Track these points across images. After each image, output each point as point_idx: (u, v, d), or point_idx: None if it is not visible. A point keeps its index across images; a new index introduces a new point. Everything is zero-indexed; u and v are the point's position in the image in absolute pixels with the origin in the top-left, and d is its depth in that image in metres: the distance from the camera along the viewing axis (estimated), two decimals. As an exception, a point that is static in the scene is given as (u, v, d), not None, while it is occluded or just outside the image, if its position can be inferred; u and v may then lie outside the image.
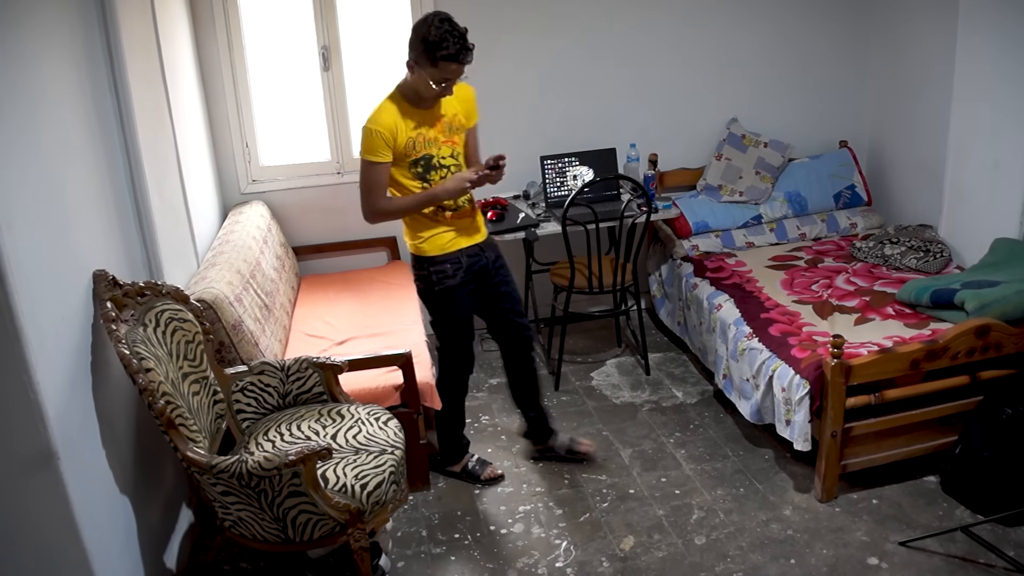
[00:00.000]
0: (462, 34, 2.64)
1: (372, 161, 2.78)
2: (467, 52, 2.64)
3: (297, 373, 2.81)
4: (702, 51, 4.43)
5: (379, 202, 2.84)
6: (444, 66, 2.64)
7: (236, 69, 4.01)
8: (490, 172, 2.82)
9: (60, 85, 2.32)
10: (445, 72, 2.65)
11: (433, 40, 2.61)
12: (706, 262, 4.02)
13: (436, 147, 2.85)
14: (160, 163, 3.01)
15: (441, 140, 2.86)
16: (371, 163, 2.78)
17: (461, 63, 2.65)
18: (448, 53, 2.61)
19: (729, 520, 2.94)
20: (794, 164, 4.44)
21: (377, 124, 2.77)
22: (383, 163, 2.79)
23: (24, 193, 2.02)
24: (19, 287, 1.90)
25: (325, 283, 4.11)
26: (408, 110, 2.80)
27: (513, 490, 3.19)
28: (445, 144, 2.87)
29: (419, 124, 2.81)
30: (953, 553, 2.69)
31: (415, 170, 2.84)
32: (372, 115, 2.80)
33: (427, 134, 2.83)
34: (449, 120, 2.87)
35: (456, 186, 2.82)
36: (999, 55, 3.49)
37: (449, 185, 2.83)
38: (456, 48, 2.61)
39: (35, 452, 1.98)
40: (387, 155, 2.79)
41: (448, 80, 2.69)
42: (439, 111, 2.84)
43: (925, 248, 3.79)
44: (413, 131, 2.80)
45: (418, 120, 2.81)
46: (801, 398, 2.91)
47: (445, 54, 2.61)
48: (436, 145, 2.85)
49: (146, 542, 2.49)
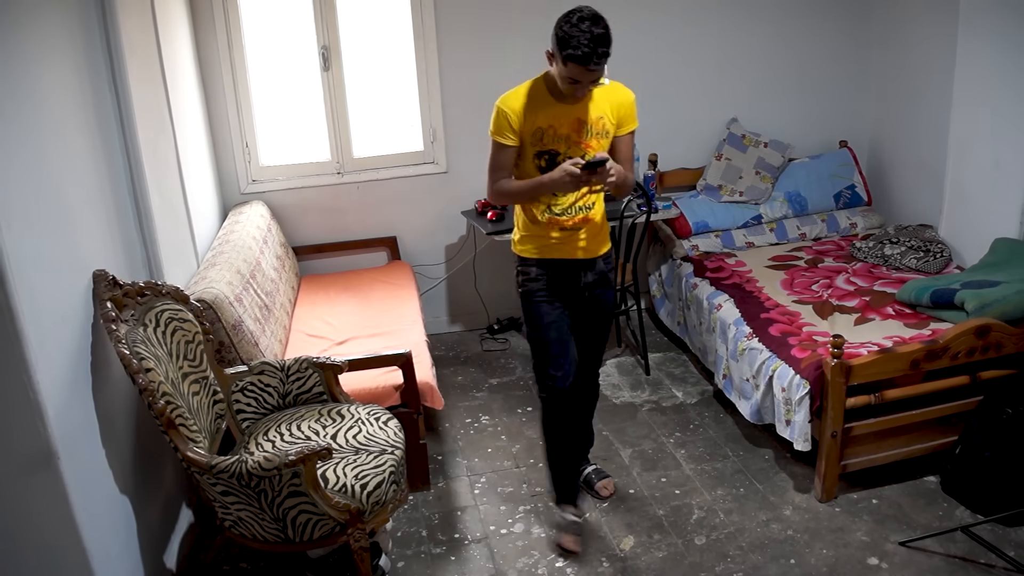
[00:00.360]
0: (597, 37, 2.37)
1: (497, 141, 2.62)
2: (597, 58, 2.38)
3: (297, 373, 2.81)
4: (702, 51, 4.43)
5: (498, 182, 2.66)
6: (570, 66, 2.41)
7: (236, 69, 4.01)
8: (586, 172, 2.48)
9: (60, 85, 2.32)
10: (571, 72, 2.43)
11: (562, 36, 2.40)
12: (706, 262, 4.02)
13: (566, 145, 2.60)
14: (160, 163, 3.01)
15: (573, 140, 2.60)
16: (495, 142, 2.62)
17: (587, 68, 2.40)
18: (573, 54, 2.38)
19: (729, 520, 2.94)
20: (794, 164, 4.44)
21: (505, 104, 2.59)
22: (507, 146, 2.60)
23: (24, 193, 2.03)
24: (19, 287, 1.90)
25: (325, 283, 4.11)
26: (546, 99, 2.59)
27: (513, 490, 3.18)
28: (577, 146, 2.60)
29: (554, 117, 2.58)
30: (953, 553, 2.69)
31: (538, 163, 2.62)
32: (506, 94, 2.62)
33: (559, 129, 2.59)
34: (591, 122, 2.60)
35: (559, 176, 2.52)
36: (1000, 56, 3.49)
37: (554, 174, 2.53)
38: (583, 52, 2.37)
39: (35, 452, 1.98)
40: (512, 138, 2.59)
41: (575, 81, 2.46)
42: (581, 109, 2.59)
43: (925, 248, 3.79)
44: (544, 122, 2.58)
45: (554, 112, 2.58)
46: (801, 398, 2.91)
47: (570, 54, 2.39)
48: (567, 144, 2.60)
49: (146, 542, 2.49)
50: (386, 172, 4.29)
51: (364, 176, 4.27)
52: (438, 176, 4.34)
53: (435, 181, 4.34)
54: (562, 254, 2.74)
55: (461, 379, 4.07)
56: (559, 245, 2.72)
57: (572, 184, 2.52)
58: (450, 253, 4.49)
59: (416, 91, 4.21)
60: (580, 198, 2.68)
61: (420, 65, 4.16)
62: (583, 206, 2.69)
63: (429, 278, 4.49)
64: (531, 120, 2.58)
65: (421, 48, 4.14)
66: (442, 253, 4.49)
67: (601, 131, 2.63)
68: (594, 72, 2.43)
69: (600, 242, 2.79)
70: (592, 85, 2.52)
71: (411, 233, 4.42)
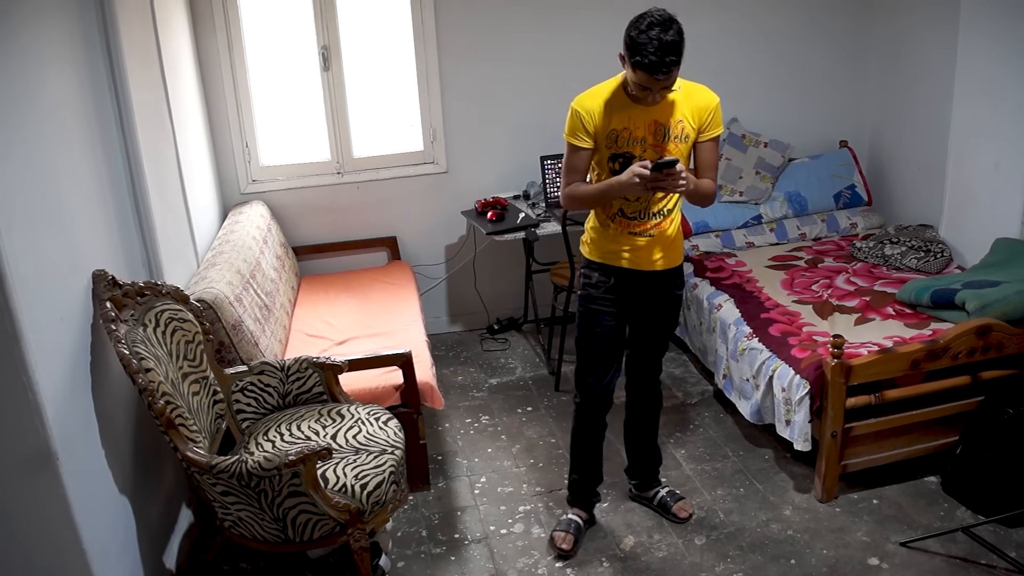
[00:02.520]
0: (666, 44, 2.29)
1: (570, 143, 2.56)
2: (665, 67, 2.30)
3: (297, 373, 2.80)
4: (702, 51, 4.40)
5: (570, 185, 2.59)
6: (639, 74, 2.35)
7: (236, 69, 4.01)
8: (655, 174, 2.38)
9: (60, 86, 2.32)
10: (640, 79, 2.36)
11: (631, 43, 2.33)
12: (706, 262, 4.02)
13: (641, 149, 2.51)
14: (160, 163, 3.01)
15: (650, 143, 2.51)
16: (569, 144, 2.56)
17: (655, 77, 2.33)
18: (641, 62, 2.31)
19: (729, 520, 2.94)
20: (794, 164, 4.44)
21: (580, 105, 2.52)
22: (582, 148, 2.54)
23: (24, 193, 2.02)
24: (18, 287, 1.90)
25: (325, 283, 4.11)
26: (622, 100, 2.50)
27: (513, 490, 3.18)
28: (653, 149, 2.51)
29: (629, 119, 2.50)
30: (954, 554, 2.69)
31: (612, 166, 2.53)
32: (582, 94, 2.55)
33: (635, 132, 2.50)
34: (669, 125, 2.51)
35: (627, 178, 2.42)
36: (1000, 56, 3.48)
37: (623, 176, 2.44)
38: (650, 60, 2.29)
39: (34, 452, 1.97)
40: (586, 140, 2.53)
41: (645, 88, 2.39)
42: (659, 112, 2.50)
43: (926, 248, 3.79)
44: (619, 124, 2.50)
45: (629, 114, 2.50)
46: (801, 398, 2.91)
47: (638, 62, 2.32)
48: (643, 147, 2.51)
49: (145, 542, 2.49)
50: (386, 172, 4.29)
51: (364, 176, 4.27)
52: (438, 176, 4.34)
53: (435, 181, 4.34)
54: (629, 263, 2.63)
55: (461, 379, 4.07)
56: (627, 252, 2.61)
57: (641, 187, 2.41)
58: (450, 253, 4.49)
59: (416, 91, 4.21)
60: (654, 203, 2.57)
61: (420, 65, 4.16)
62: (657, 211, 2.59)
63: (429, 278, 4.49)
64: (606, 122, 2.51)
65: (421, 48, 4.14)
66: (442, 253, 4.49)
67: (680, 135, 2.53)
68: (663, 80, 2.35)
69: (671, 254, 2.66)
70: (663, 92, 2.43)
71: (411, 233, 4.42)
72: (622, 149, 2.52)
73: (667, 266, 2.65)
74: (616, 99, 2.51)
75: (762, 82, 4.51)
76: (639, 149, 2.51)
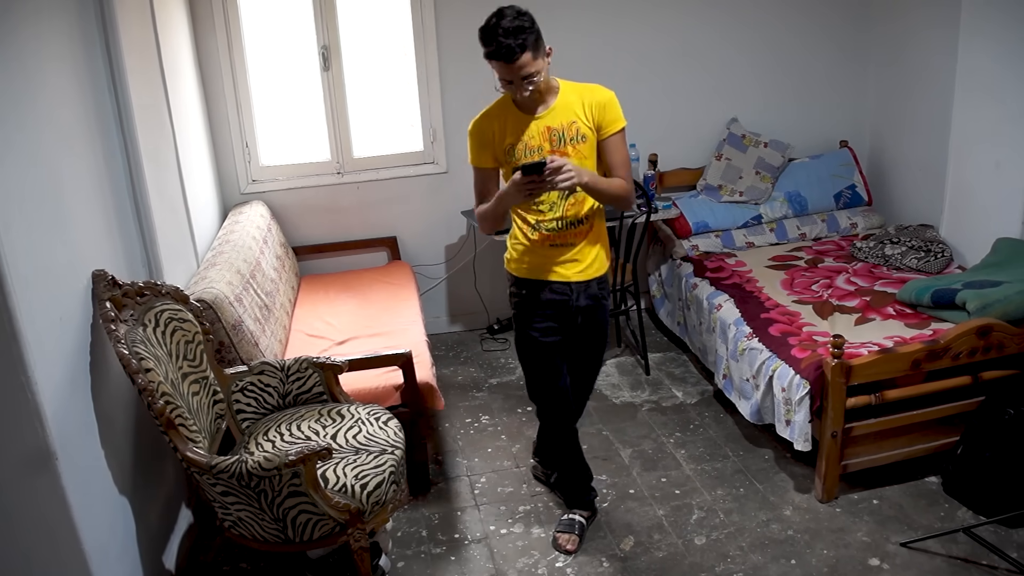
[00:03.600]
0: (508, 30, 2.27)
1: (473, 167, 2.58)
2: (510, 50, 2.28)
3: (297, 373, 2.80)
4: (702, 51, 4.43)
5: (477, 207, 2.59)
6: (494, 65, 2.35)
7: (236, 69, 4.01)
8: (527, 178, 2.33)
9: (59, 86, 2.32)
10: (498, 71, 2.36)
11: (480, 37, 2.33)
12: (706, 262, 4.02)
13: (539, 157, 2.45)
14: (160, 163, 3.01)
15: (547, 150, 2.48)
16: (473, 169, 2.59)
17: (508, 63, 2.31)
18: (489, 51, 2.32)
19: (729, 520, 2.94)
20: (794, 164, 4.44)
21: (474, 127, 2.56)
22: (481, 168, 2.56)
23: (23, 193, 2.02)
24: (18, 287, 1.90)
25: (325, 283, 4.11)
26: (512, 113, 2.51)
27: (513, 490, 3.18)
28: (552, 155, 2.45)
29: (521, 130, 2.49)
30: (955, 554, 2.68)
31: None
32: (475, 117, 2.57)
33: (530, 142, 2.49)
34: (560, 128, 2.49)
35: (509, 187, 2.40)
36: (1001, 55, 3.48)
37: (506, 187, 2.44)
38: (495, 45, 2.29)
39: (34, 452, 1.97)
40: (483, 159, 2.54)
41: (509, 82, 2.38)
42: (550, 118, 2.49)
43: (926, 248, 3.78)
44: (513, 137, 2.49)
45: (521, 126, 2.50)
46: (801, 398, 2.91)
47: (487, 52, 2.33)
48: (539, 155, 2.47)
49: (145, 542, 2.49)
50: (386, 172, 4.29)
51: (364, 176, 4.27)
52: (438, 176, 4.34)
53: (435, 181, 4.34)
54: (552, 275, 2.60)
55: (461, 379, 4.07)
56: (549, 264, 2.59)
57: (520, 193, 2.36)
58: (450, 253, 4.49)
59: (416, 91, 4.21)
60: (567, 210, 2.54)
61: (420, 65, 4.16)
62: (573, 220, 2.55)
63: (429, 278, 4.49)
64: (500, 138, 2.51)
65: (421, 48, 4.14)
66: (442, 253, 4.49)
67: (576, 136, 2.49)
68: (519, 66, 2.31)
69: (594, 263, 2.63)
70: (527, 83, 2.37)
71: (411, 233, 4.42)
72: (522, 161, 2.47)
73: (590, 275, 2.62)
74: (507, 114, 2.51)
75: (762, 82, 4.51)
76: (537, 158, 2.45)
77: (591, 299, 2.66)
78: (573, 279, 2.60)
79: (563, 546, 2.81)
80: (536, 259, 2.60)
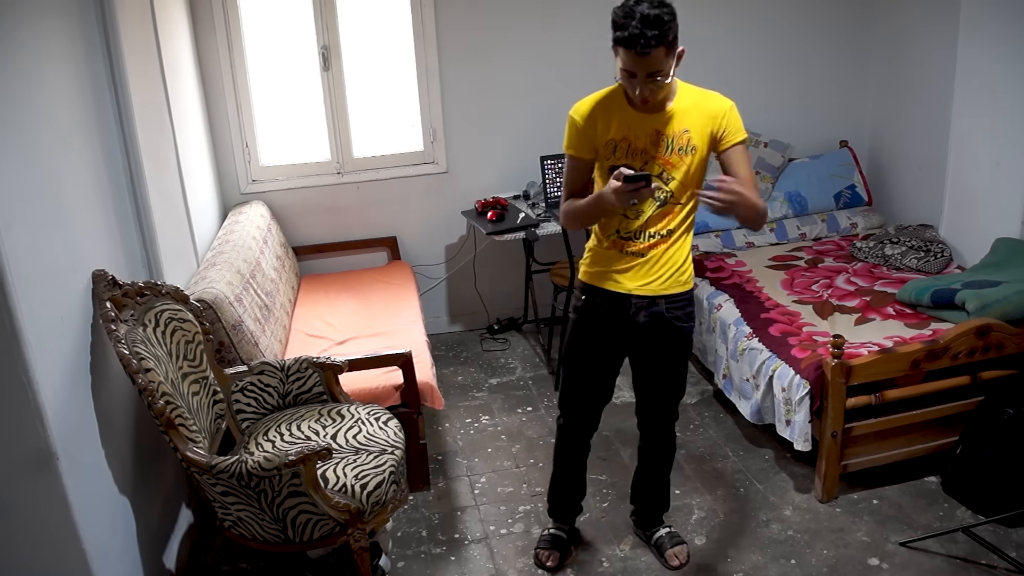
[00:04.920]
0: (647, 18, 2.03)
1: (568, 155, 2.38)
2: (645, 40, 2.04)
3: (297, 373, 2.80)
4: (702, 50, 4.41)
5: (567, 200, 2.40)
6: (621, 53, 2.11)
7: (236, 69, 4.01)
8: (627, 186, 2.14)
9: (59, 85, 2.32)
10: (624, 62, 2.13)
11: (613, 19, 2.10)
12: (706, 262, 4.02)
13: (642, 160, 2.28)
14: (160, 163, 3.01)
15: (651, 154, 2.27)
16: (568, 156, 2.38)
17: (637, 53, 2.07)
18: (621, 36, 2.07)
19: (729, 520, 2.94)
20: (794, 164, 4.44)
21: (577, 112, 2.33)
22: (576, 157, 2.36)
23: (23, 193, 2.02)
24: (18, 287, 1.90)
25: (325, 283, 4.11)
26: (622, 107, 2.29)
27: (513, 490, 3.18)
28: (654, 161, 2.28)
29: (628, 128, 2.28)
30: (954, 554, 2.68)
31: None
32: (579, 102, 2.34)
33: (635, 142, 2.28)
34: (672, 135, 2.26)
35: (605, 191, 2.20)
36: (1000, 55, 3.48)
37: (604, 188, 2.22)
38: (630, 33, 2.04)
39: (34, 452, 1.97)
40: (581, 149, 2.33)
41: (632, 75, 2.14)
42: (661, 120, 2.26)
43: (926, 248, 3.78)
44: (618, 133, 2.28)
45: (629, 123, 2.28)
46: (801, 398, 2.91)
47: (618, 37, 2.09)
48: (643, 158, 2.28)
49: (145, 542, 2.49)
50: (386, 172, 4.29)
51: (364, 176, 4.27)
52: (438, 176, 4.34)
53: (435, 181, 4.34)
54: (617, 285, 2.38)
55: (461, 379, 4.07)
56: (616, 274, 2.38)
57: (617, 200, 2.18)
58: (450, 253, 4.49)
59: (416, 91, 4.21)
60: (652, 223, 2.33)
61: (420, 65, 4.16)
62: (655, 232, 2.33)
63: (429, 278, 4.49)
64: (604, 130, 2.30)
65: (421, 48, 4.14)
66: (442, 253, 4.49)
67: (685, 146, 2.26)
68: (648, 60, 2.08)
69: (664, 279, 2.36)
70: (652, 81, 2.14)
71: (411, 233, 4.42)
72: (620, 161, 2.29)
73: (661, 292, 2.37)
74: (616, 106, 2.30)
75: (762, 82, 4.50)
76: (639, 161, 2.29)
77: (652, 317, 2.39)
78: (635, 292, 2.37)
79: (544, 562, 2.73)
80: (601, 265, 2.41)
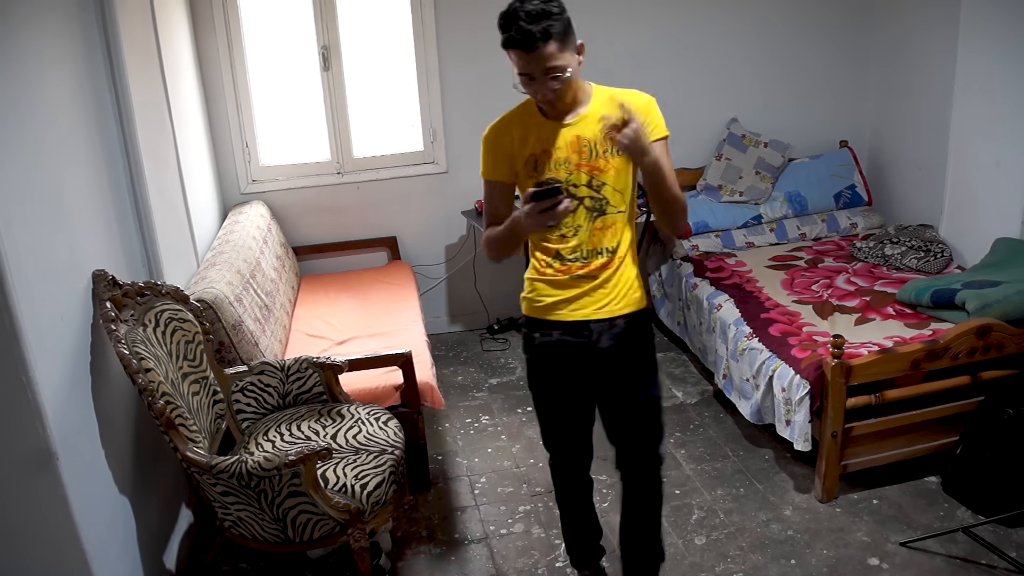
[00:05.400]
0: (531, 13, 1.92)
1: (485, 180, 2.20)
2: (534, 37, 1.92)
3: (297, 373, 2.80)
4: (702, 51, 4.43)
5: (487, 230, 2.22)
6: (513, 55, 2.00)
7: (236, 69, 4.01)
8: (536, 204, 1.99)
9: (60, 86, 2.32)
10: (517, 64, 2.00)
11: (499, 24, 1.99)
12: (706, 262, 4.02)
13: (567, 171, 2.11)
14: (160, 163, 3.01)
15: (575, 163, 2.10)
16: (485, 183, 2.21)
17: (529, 52, 1.95)
18: (507, 37, 1.97)
19: (729, 520, 2.94)
20: (794, 164, 4.44)
21: (488, 129, 2.18)
22: (494, 182, 2.19)
23: (23, 193, 2.02)
24: (18, 287, 1.90)
25: (325, 283, 4.11)
26: (537, 119, 2.13)
27: (513, 490, 3.18)
28: (583, 170, 2.11)
29: (546, 139, 2.12)
30: (954, 554, 2.68)
31: None
32: (491, 123, 2.19)
33: (556, 153, 2.11)
34: (594, 139, 2.10)
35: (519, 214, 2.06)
36: (1000, 55, 3.48)
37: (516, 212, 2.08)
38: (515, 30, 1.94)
39: (34, 452, 1.97)
40: (499, 172, 2.17)
41: (531, 79, 2.01)
42: (581, 127, 2.11)
43: (926, 248, 3.78)
44: (537, 147, 2.12)
45: (546, 134, 2.12)
46: (801, 398, 2.91)
47: (505, 38, 1.98)
48: (567, 169, 2.11)
49: (145, 542, 2.49)
50: (386, 172, 4.29)
51: (364, 176, 4.27)
52: (438, 176, 4.34)
53: (435, 181, 4.34)
54: (568, 314, 2.18)
55: (461, 379, 4.07)
56: (565, 302, 2.19)
57: (533, 222, 2.01)
58: (450, 253, 4.49)
59: (416, 91, 4.21)
60: (594, 236, 2.15)
61: (420, 65, 4.16)
62: (595, 250, 2.16)
63: (429, 278, 4.49)
64: (521, 146, 2.13)
65: (421, 48, 4.14)
66: (442, 253, 4.49)
67: (609, 148, 2.10)
68: (542, 57, 1.95)
69: (620, 297, 2.19)
70: (550, 79, 2.00)
71: (411, 233, 4.42)
72: (545, 175, 2.11)
73: (619, 312, 2.19)
74: (530, 119, 2.14)
75: (762, 82, 4.51)
76: (564, 172, 2.11)
77: (615, 340, 2.20)
78: (592, 316, 2.18)
79: None
80: (548, 294, 2.20)
